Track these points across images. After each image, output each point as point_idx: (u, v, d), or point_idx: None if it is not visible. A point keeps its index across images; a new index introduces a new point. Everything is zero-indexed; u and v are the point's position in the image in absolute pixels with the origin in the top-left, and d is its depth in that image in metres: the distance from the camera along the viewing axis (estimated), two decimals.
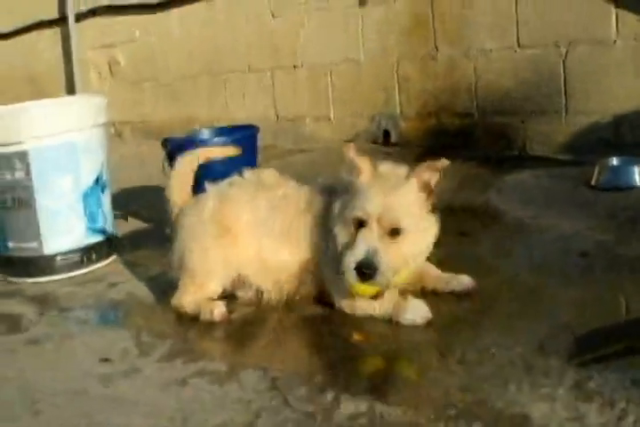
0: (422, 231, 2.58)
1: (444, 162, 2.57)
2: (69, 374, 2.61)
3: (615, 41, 4.35)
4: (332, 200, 2.73)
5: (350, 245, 2.52)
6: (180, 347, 2.70)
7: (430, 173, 2.57)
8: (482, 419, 2.01)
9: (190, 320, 2.94)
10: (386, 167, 2.68)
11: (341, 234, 2.60)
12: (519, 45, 4.75)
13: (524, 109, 4.80)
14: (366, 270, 2.43)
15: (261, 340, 2.73)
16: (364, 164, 2.64)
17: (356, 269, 2.45)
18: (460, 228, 3.60)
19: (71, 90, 8.22)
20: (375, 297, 2.62)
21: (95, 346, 2.81)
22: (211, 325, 2.86)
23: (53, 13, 8.26)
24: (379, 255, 2.44)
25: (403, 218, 2.50)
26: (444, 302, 2.77)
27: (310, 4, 5.87)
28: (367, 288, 2.54)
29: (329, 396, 2.23)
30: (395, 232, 2.49)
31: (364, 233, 2.49)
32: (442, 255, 3.02)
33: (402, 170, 2.64)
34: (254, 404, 2.24)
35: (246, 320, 2.88)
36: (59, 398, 2.43)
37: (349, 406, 2.16)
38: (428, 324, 2.61)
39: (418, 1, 5.19)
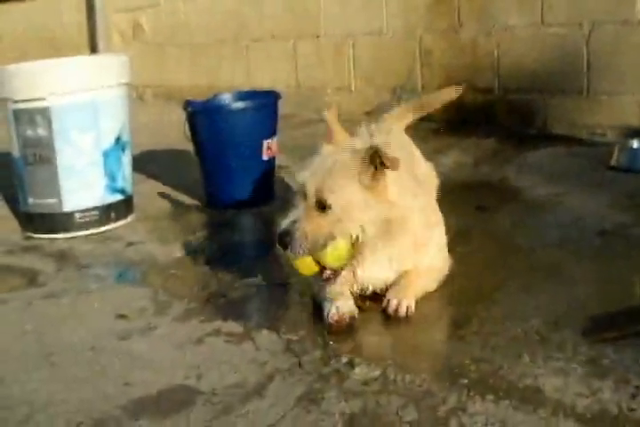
0: (357, 210, 2.44)
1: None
2: (85, 328, 2.63)
3: (639, 22, 4.33)
4: None
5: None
6: (196, 307, 2.72)
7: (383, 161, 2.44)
8: (494, 390, 2.03)
9: (205, 280, 2.98)
10: (353, 142, 2.66)
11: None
12: (543, 23, 4.73)
13: (545, 87, 4.79)
14: (283, 238, 2.40)
15: (277, 303, 2.75)
16: (335, 130, 2.66)
17: (278, 237, 2.42)
18: (478, 202, 3.61)
19: (93, 51, 8.22)
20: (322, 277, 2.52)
21: (112, 303, 2.83)
22: (226, 285, 2.89)
23: None
24: (297, 225, 2.39)
25: (327, 192, 2.41)
26: (460, 276, 2.77)
27: None
28: (303, 264, 2.48)
29: (343, 360, 2.25)
30: (322, 206, 2.41)
31: (296, 205, 2.47)
32: (458, 228, 3.05)
33: (362, 148, 2.51)
34: (268, 365, 2.26)
35: (262, 283, 2.91)
36: (74, 352, 2.46)
37: (363, 370, 2.18)
38: (442, 297, 2.62)
39: None
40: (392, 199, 2.49)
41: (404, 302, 2.51)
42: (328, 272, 2.47)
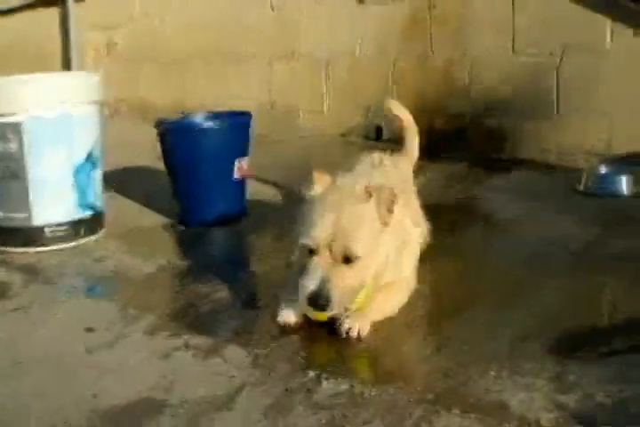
0: (378, 252, 2.46)
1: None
2: (54, 340, 2.62)
3: (608, 50, 4.40)
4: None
5: (303, 270, 2.41)
6: (164, 320, 2.71)
7: (388, 192, 2.47)
8: (460, 404, 2.04)
9: (175, 295, 2.98)
10: (344, 180, 2.60)
11: (298, 255, 2.54)
12: (514, 49, 4.79)
13: (516, 113, 4.85)
14: (319, 303, 2.34)
15: (246, 318, 2.73)
16: (320, 178, 2.56)
17: (308, 299, 2.35)
18: (449, 223, 3.63)
19: (67, 68, 8.22)
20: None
21: (80, 316, 2.82)
22: (196, 300, 2.89)
23: None
24: (330, 286, 2.32)
25: (355, 245, 2.36)
26: (428, 290, 2.80)
27: None
28: (322, 314, 2.47)
29: (311, 374, 2.26)
30: (348, 260, 2.38)
31: (315, 261, 2.38)
32: (428, 247, 3.07)
33: (359, 186, 2.49)
34: (237, 378, 2.26)
35: (232, 298, 2.91)
36: (43, 363, 2.45)
37: (330, 384, 2.19)
38: (410, 312, 2.63)
39: (416, 1, 5.23)
40: (402, 223, 2.58)
41: (356, 324, 2.46)
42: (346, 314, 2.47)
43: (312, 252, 2.39)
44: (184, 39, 7.15)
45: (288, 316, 2.57)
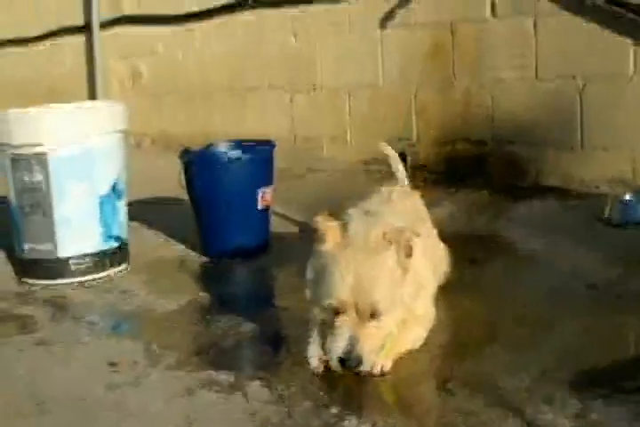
0: (402, 300, 2.45)
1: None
2: (77, 377, 2.64)
3: (632, 77, 4.39)
4: None
5: (329, 330, 2.39)
6: (188, 357, 2.73)
7: (408, 236, 2.44)
8: None
9: (198, 330, 2.99)
10: (358, 228, 2.50)
11: (319, 314, 2.47)
12: (537, 77, 4.79)
13: (539, 140, 4.83)
14: (351, 364, 2.32)
15: (269, 355, 2.74)
16: (328, 229, 2.47)
17: (340, 362, 2.33)
18: (469, 255, 3.63)
19: (92, 98, 8.29)
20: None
21: (104, 352, 2.84)
22: (219, 336, 2.90)
23: (79, 21, 8.35)
24: (360, 346, 2.31)
25: (381, 302, 2.34)
26: (449, 328, 2.80)
27: (332, 26, 5.93)
28: None
29: (333, 411, 2.25)
30: (374, 315, 2.35)
31: (341, 321, 2.35)
32: (448, 280, 3.06)
33: (375, 233, 2.44)
34: (259, 416, 2.26)
35: (255, 334, 2.92)
36: (65, 401, 2.46)
37: (352, 422, 2.19)
38: (431, 350, 2.62)
39: (438, 28, 5.24)
40: (419, 263, 2.54)
41: (378, 361, 2.44)
42: None
43: (337, 311, 2.36)
44: (206, 71, 7.20)
45: (320, 360, 2.51)
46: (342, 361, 2.33)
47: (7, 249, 4.09)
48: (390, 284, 2.40)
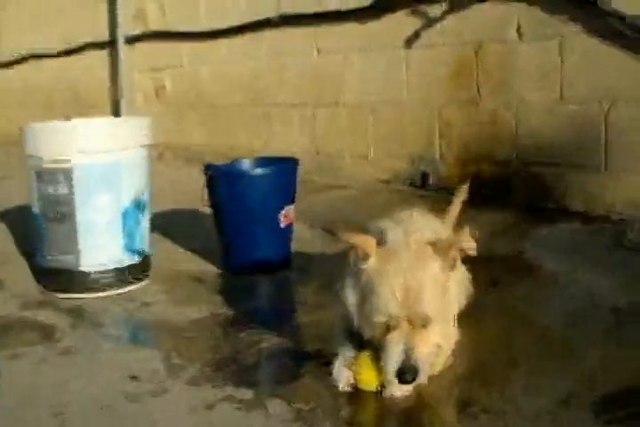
0: (449, 309, 2.48)
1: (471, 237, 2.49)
2: (97, 388, 2.64)
3: None
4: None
5: (381, 345, 2.37)
6: (208, 371, 2.72)
7: (453, 248, 2.42)
8: None
9: (219, 344, 2.99)
10: (396, 241, 2.46)
11: (368, 332, 2.45)
12: (562, 99, 4.78)
13: (563, 162, 4.81)
14: (408, 377, 2.29)
15: (291, 371, 2.73)
16: (366, 244, 2.41)
17: (398, 376, 2.29)
18: (492, 277, 3.61)
19: (116, 110, 8.35)
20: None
21: (125, 363, 2.84)
22: (240, 350, 2.90)
23: (104, 36, 8.42)
24: (415, 358, 2.29)
25: (432, 310, 2.33)
26: (471, 351, 2.78)
27: (356, 43, 5.96)
28: (378, 379, 2.45)
29: None
30: (424, 325, 2.34)
31: (394, 335, 2.33)
32: (471, 303, 3.04)
33: (416, 243, 2.42)
34: None
35: (277, 349, 2.91)
36: (85, 411, 2.46)
37: None
38: (453, 373, 2.60)
39: (464, 48, 5.24)
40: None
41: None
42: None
43: (388, 327, 2.34)
44: (230, 87, 7.24)
45: (347, 381, 2.50)
46: (399, 375, 2.30)
47: (30, 257, 4.10)
48: (438, 292, 2.38)
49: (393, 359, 2.30)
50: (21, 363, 2.90)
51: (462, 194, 3.45)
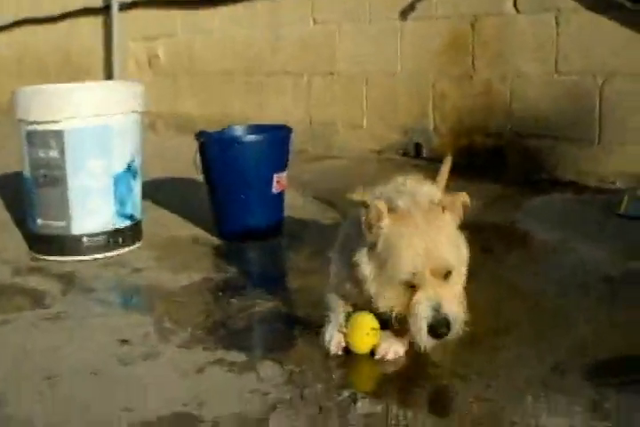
0: (464, 254, 2.47)
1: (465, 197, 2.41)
2: (88, 352, 2.63)
3: None
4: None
5: (406, 306, 2.31)
6: (199, 335, 2.72)
7: (458, 203, 2.39)
8: None
9: (210, 309, 2.98)
10: (406, 203, 2.40)
11: (386, 302, 2.37)
12: (557, 72, 4.76)
13: (557, 134, 4.81)
14: (442, 331, 2.26)
15: (282, 335, 2.74)
16: (380, 205, 2.35)
17: (430, 332, 2.26)
18: (485, 245, 3.60)
19: (109, 78, 8.31)
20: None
21: (115, 328, 2.83)
22: (232, 315, 2.90)
23: (98, 2, 8.36)
24: (445, 311, 2.26)
25: (452, 260, 2.31)
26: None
27: (352, 13, 5.92)
28: (369, 342, 2.47)
29: (345, 394, 2.24)
30: (447, 276, 2.32)
31: (421, 293, 2.28)
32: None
33: (425, 201, 2.40)
34: (270, 396, 2.25)
35: (268, 314, 2.91)
36: (75, 375, 2.45)
37: (365, 405, 2.18)
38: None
39: (459, 21, 5.22)
40: None
41: (392, 347, 2.46)
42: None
43: (411, 284, 2.31)
44: (224, 55, 7.19)
45: (338, 345, 2.51)
46: (432, 330, 2.27)
47: (21, 223, 4.09)
48: (454, 246, 2.37)
49: (424, 317, 2.26)
50: (12, 328, 2.89)
51: (448, 163, 3.43)
